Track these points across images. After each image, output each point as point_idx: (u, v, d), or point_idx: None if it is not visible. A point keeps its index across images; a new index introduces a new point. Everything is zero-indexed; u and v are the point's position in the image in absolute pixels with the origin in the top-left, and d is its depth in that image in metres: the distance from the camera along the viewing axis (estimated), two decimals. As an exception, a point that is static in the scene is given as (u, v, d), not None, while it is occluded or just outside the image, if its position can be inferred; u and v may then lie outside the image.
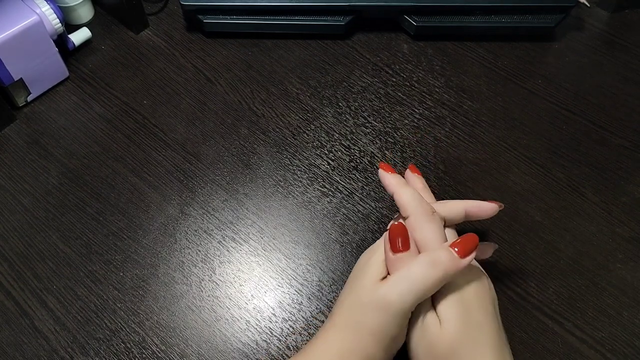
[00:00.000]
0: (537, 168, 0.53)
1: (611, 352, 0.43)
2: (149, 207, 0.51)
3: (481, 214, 0.42)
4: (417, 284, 0.35)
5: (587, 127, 0.56)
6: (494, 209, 0.42)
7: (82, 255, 0.48)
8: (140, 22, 0.63)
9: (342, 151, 0.54)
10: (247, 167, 0.53)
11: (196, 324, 0.45)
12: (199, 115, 0.57)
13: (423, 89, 0.59)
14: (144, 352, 0.43)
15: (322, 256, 0.48)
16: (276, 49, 0.62)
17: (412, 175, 0.45)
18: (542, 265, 0.47)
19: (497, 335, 0.37)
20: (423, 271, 0.36)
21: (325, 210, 0.50)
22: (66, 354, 0.43)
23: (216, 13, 0.61)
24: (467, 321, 0.36)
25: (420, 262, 0.36)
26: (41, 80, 0.57)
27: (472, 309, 0.37)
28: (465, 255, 0.36)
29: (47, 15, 0.54)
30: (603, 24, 0.65)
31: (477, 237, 0.37)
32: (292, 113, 0.57)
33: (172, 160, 0.54)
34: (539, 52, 0.62)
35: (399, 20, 0.62)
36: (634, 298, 0.46)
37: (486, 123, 0.56)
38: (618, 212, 0.50)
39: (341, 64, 0.61)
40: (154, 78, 0.60)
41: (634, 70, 0.61)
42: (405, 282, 0.36)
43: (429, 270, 0.35)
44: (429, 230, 0.39)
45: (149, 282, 0.47)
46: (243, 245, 0.49)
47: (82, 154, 0.54)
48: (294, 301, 0.46)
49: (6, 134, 0.55)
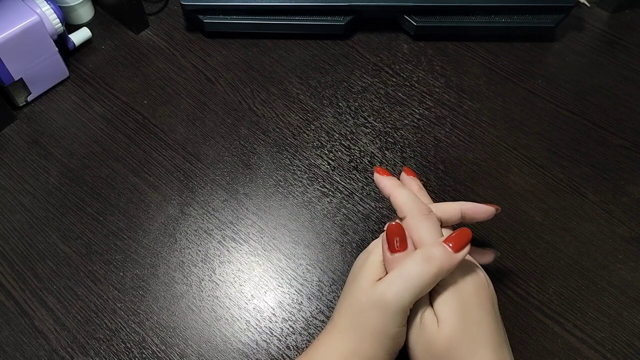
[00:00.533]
0: (537, 168, 0.53)
1: (611, 352, 0.43)
2: (149, 207, 0.51)
3: (476, 217, 0.42)
4: (412, 280, 0.35)
5: (587, 127, 0.56)
6: (490, 211, 0.42)
7: (82, 255, 0.48)
8: (140, 22, 0.63)
9: (342, 151, 0.54)
10: (247, 167, 0.53)
11: (196, 324, 0.45)
12: (199, 115, 0.57)
13: (423, 89, 0.59)
14: (144, 352, 0.43)
15: (322, 256, 0.48)
16: (276, 49, 0.62)
17: (407, 178, 0.45)
18: (542, 265, 0.47)
19: (496, 333, 0.37)
20: (418, 268, 0.36)
21: (325, 210, 0.50)
22: (66, 354, 0.43)
23: (216, 13, 0.61)
24: (465, 319, 0.36)
25: (415, 259, 0.36)
26: (41, 80, 0.57)
27: (470, 307, 0.37)
28: (459, 249, 0.36)
29: (47, 15, 0.54)
30: (603, 24, 0.65)
31: (470, 232, 0.37)
32: (292, 113, 0.57)
33: (172, 160, 0.54)
34: (539, 52, 0.62)
35: (399, 20, 0.62)
36: (634, 298, 0.46)
37: (486, 123, 0.56)
38: (618, 212, 0.50)
39: (341, 64, 0.61)
40: (154, 78, 0.60)
41: (634, 70, 0.61)
42: (401, 279, 0.36)
43: (424, 266, 0.36)
44: (425, 230, 0.39)
45: (149, 282, 0.47)
46: (243, 245, 0.49)
47: (82, 154, 0.54)
48: (294, 301, 0.46)
49: (6, 134, 0.55)
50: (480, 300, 0.37)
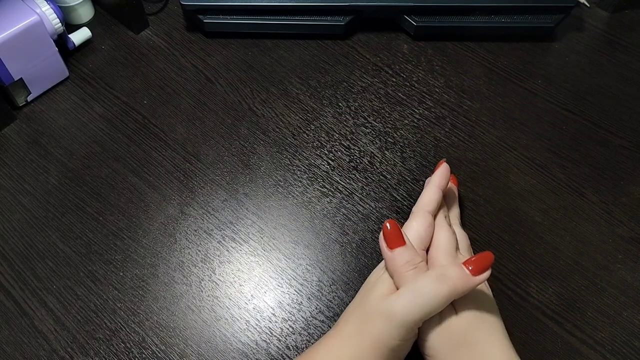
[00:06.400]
0: (537, 168, 0.53)
1: (611, 352, 0.43)
2: (149, 207, 0.51)
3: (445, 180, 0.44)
4: (423, 297, 0.36)
5: (587, 127, 0.56)
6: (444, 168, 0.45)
7: (82, 255, 0.48)
8: (140, 22, 0.63)
9: (342, 151, 0.54)
10: (247, 167, 0.53)
11: (196, 324, 0.45)
12: (199, 115, 0.57)
13: (423, 89, 0.59)
14: (144, 352, 0.43)
15: (322, 256, 0.48)
16: (276, 49, 0.62)
17: (452, 185, 0.48)
18: (541, 265, 0.47)
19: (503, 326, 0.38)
20: (430, 285, 0.36)
21: (325, 210, 0.50)
22: (66, 354, 0.43)
23: (216, 13, 0.61)
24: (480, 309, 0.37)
25: (429, 276, 0.37)
26: (41, 80, 0.57)
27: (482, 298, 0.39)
28: (478, 273, 0.36)
29: (47, 15, 0.54)
30: (603, 24, 0.65)
31: (492, 256, 0.37)
32: (292, 113, 0.57)
33: (172, 160, 0.54)
34: (539, 52, 0.62)
35: (399, 20, 0.62)
36: (634, 298, 0.46)
37: (486, 123, 0.56)
38: (618, 212, 0.50)
39: (341, 64, 0.61)
40: (154, 78, 0.60)
41: (634, 70, 0.61)
42: (411, 294, 0.36)
43: (436, 284, 0.36)
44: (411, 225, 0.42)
45: (149, 282, 0.47)
46: (243, 245, 0.49)
47: (82, 154, 0.54)
48: (294, 301, 0.46)
49: (6, 134, 0.55)
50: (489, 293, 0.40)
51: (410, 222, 0.42)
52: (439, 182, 0.44)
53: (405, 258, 0.38)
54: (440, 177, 0.44)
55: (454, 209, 0.47)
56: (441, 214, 0.44)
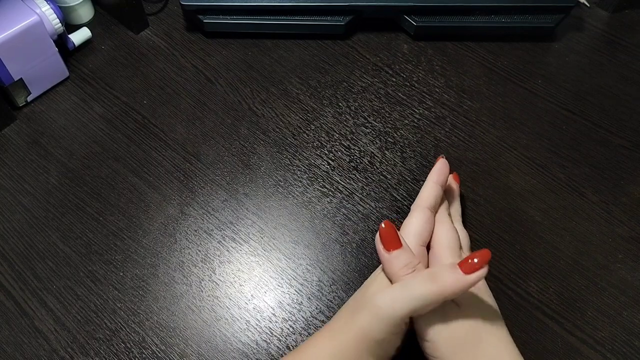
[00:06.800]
0: (537, 168, 0.53)
1: (611, 352, 0.43)
2: (149, 207, 0.51)
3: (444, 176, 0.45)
4: (411, 294, 0.36)
5: (587, 127, 0.56)
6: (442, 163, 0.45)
7: (82, 255, 0.48)
8: (140, 22, 0.63)
9: (342, 151, 0.54)
10: (247, 167, 0.53)
11: (196, 324, 0.45)
12: (199, 115, 0.57)
13: (423, 89, 0.59)
14: (144, 352, 0.43)
15: (322, 256, 0.48)
16: (276, 49, 0.62)
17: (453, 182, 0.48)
18: (542, 265, 0.47)
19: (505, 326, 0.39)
20: (420, 283, 0.36)
21: (325, 210, 0.50)
22: (66, 354, 0.43)
23: (216, 13, 0.61)
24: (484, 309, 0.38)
25: (421, 275, 0.37)
26: (41, 80, 0.57)
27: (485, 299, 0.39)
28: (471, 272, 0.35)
29: (47, 15, 0.54)
30: (603, 24, 0.65)
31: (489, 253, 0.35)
32: (292, 113, 0.57)
33: (172, 160, 0.54)
34: (539, 52, 0.62)
35: (399, 20, 0.62)
36: (634, 298, 0.46)
37: (486, 123, 0.56)
38: (618, 212, 0.50)
39: (341, 64, 0.61)
40: (154, 78, 0.60)
41: (634, 70, 0.61)
42: (399, 290, 0.36)
43: (426, 283, 0.36)
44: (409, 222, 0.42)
45: (149, 282, 0.47)
46: (243, 245, 0.49)
47: (82, 154, 0.54)
48: (294, 301, 0.46)
49: (6, 134, 0.55)
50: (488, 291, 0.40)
51: (409, 219, 0.42)
52: (436, 178, 0.44)
53: (402, 261, 0.38)
54: (438, 172, 0.45)
55: (455, 206, 0.47)
56: (443, 211, 0.44)
